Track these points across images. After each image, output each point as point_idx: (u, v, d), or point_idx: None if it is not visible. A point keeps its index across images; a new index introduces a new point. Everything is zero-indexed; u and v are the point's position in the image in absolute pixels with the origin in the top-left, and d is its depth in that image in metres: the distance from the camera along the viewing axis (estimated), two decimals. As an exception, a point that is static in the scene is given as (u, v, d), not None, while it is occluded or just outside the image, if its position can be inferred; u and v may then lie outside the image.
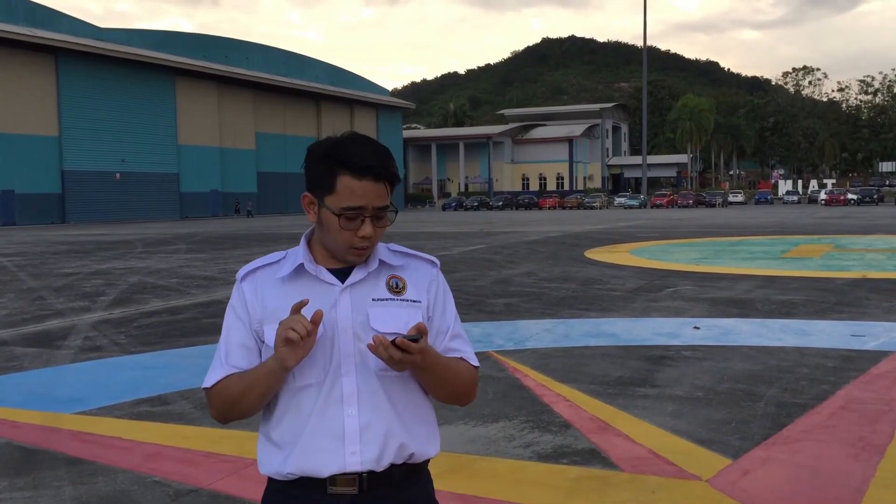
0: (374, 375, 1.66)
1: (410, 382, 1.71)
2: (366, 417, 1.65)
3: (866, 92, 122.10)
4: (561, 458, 4.39)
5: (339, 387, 1.65)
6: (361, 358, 1.65)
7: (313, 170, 1.68)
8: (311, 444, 1.64)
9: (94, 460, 4.48)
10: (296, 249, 1.76)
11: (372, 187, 1.63)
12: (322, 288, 1.69)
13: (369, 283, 1.70)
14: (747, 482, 3.98)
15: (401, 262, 1.76)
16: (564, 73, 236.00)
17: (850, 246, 19.71)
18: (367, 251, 1.68)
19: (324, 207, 1.65)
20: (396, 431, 1.67)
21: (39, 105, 48.76)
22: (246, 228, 36.73)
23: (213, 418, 1.73)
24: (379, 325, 1.66)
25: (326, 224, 1.66)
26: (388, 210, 1.67)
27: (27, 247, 24.91)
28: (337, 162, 1.63)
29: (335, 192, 1.63)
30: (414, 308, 1.71)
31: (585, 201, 73.43)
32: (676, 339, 7.80)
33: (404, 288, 1.72)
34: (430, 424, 1.75)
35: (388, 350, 1.53)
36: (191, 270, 15.91)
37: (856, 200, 64.85)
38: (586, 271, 14.41)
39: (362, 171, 1.62)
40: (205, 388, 1.71)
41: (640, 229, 30.44)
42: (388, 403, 1.67)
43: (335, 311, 1.66)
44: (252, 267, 1.76)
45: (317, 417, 1.65)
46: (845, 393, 5.63)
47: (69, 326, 9.19)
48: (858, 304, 9.85)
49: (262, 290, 1.71)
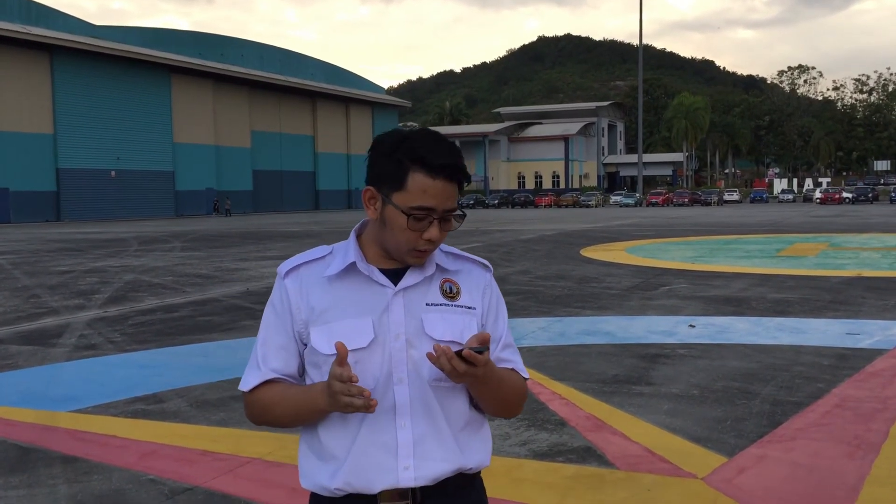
0: (426, 385, 1.57)
1: (462, 393, 1.62)
2: (419, 429, 1.56)
3: (861, 91, 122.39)
4: (557, 456, 4.39)
5: (392, 396, 1.55)
6: (414, 366, 1.56)
7: (380, 163, 1.57)
8: (362, 458, 1.55)
9: (89, 458, 4.47)
10: (342, 245, 1.65)
11: (444, 187, 1.53)
12: (373, 289, 1.59)
13: (423, 286, 1.61)
14: (743, 480, 3.99)
15: (456, 265, 1.66)
16: (560, 71, 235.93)
17: (844, 244, 19.76)
18: (428, 254, 1.59)
19: (389, 205, 1.55)
20: (450, 444, 1.59)
21: (34, 102, 48.61)
22: (241, 227, 36.68)
23: (248, 418, 1.66)
24: (434, 332, 1.57)
25: (390, 222, 1.56)
26: (456, 213, 1.57)
27: (22, 245, 24.84)
28: (410, 157, 1.53)
29: (405, 189, 1.53)
30: (468, 315, 1.62)
31: (581, 200, 73.43)
32: (672, 337, 7.81)
33: (458, 293, 1.63)
34: (483, 435, 1.68)
35: (453, 361, 1.43)
36: (186, 268, 15.88)
37: (851, 199, 65.03)
38: (582, 269, 14.42)
39: (437, 169, 1.52)
40: (240, 390, 1.64)
41: (636, 228, 30.47)
42: (442, 415, 1.58)
43: (387, 316, 1.57)
44: (296, 263, 1.64)
45: (367, 429, 1.55)
46: (840, 391, 5.64)
47: (64, 324, 9.17)
48: (853, 303, 9.87)
49: (308, 289, 1.60)
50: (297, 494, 3.93)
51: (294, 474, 4.15)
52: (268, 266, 16.05)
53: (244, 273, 14.78)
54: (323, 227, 34.93)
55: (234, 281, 13.45)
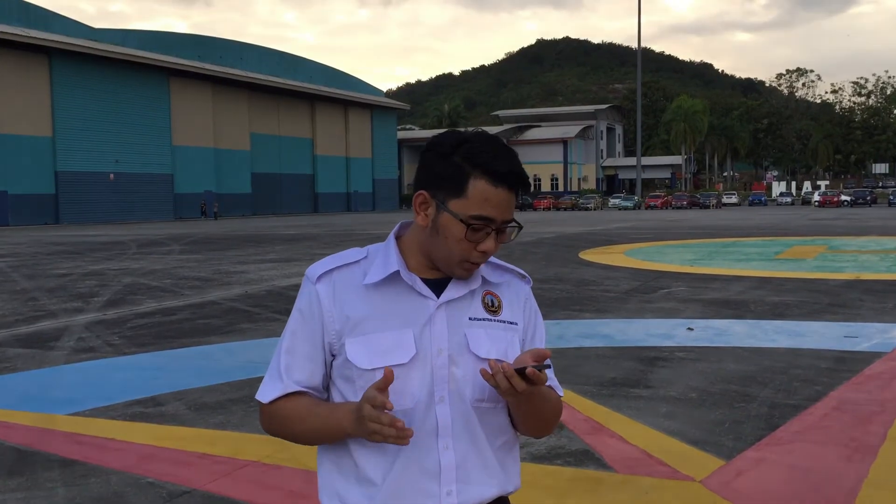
0: (468, 405, 1.47)
1: (503, 413, 1.53)
2: (461, 452, 1.46)
3: (859, 94, 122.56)
4: (555, 459, 4.39)
5: (434, 417, 1.45)
6: (456, 385, 1.46)
7: (437, 167, 1.45)
8: (403, 483, 1.44)
9: (88, 461, 4.46)
10: (378, 249, 1.53)
11: (505, 197, 1.43)
12: (415, 301, 1.47)
13: (465, 298, 1.50)
14: (740, 483, 3.99)
15: (498, 277, 1.57)
16: (559, 74, 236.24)
17: (843, 247, 19.77)
18: (478, 267, 1.49)
19: (445, 212, 1.43)
20: (492, 467, 1.50)
21: (33, 105, 48.60)
22: (240, 229, 36.67)
23: (264, 430, 1.55)
24: (479, 349, 1.47)
25: (444, 230, 1.44)
26: (512, 224, 1.47)
27: (21, 247, 24.82)
28: (471, 163, 1.41)
29: (465, 196, 1.41)
30: (511, 331, 1.53)
31: (580, 202, 73.49)
32: (670, 340, 7.81)
33: (500, 307, 1.54)
34: (515, 455, 1.58)
35: (513, 379, 1.34)
36: (185, 271, 15.88)
37: (849, 202, 65.08)
38: (580, 272, 14.43)
39: (501, 177, 1.42)
40: (258, 400, 1.52)
41: (635, 230, 30.48)
42: (484, 436, 1.49)
43: (429, 329, 1.46)
44: (328, 267, 1.50)
45: (408, 452, 1.43)
46: (838, 394, 5.65)
47: (63, 327, 9.17)
48: (852, 306, 9.87)
49: (342, 296, 1.47)
50: (296, 497, 3.93)
51: (292, 477, 4.16)
52: (266, 269, 16.05)
53: (243, 276, 14.77)
54: (322, 229, 34.93)
55: (233, 284, 13.45)
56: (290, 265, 16.83)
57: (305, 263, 17.15)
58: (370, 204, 79.91)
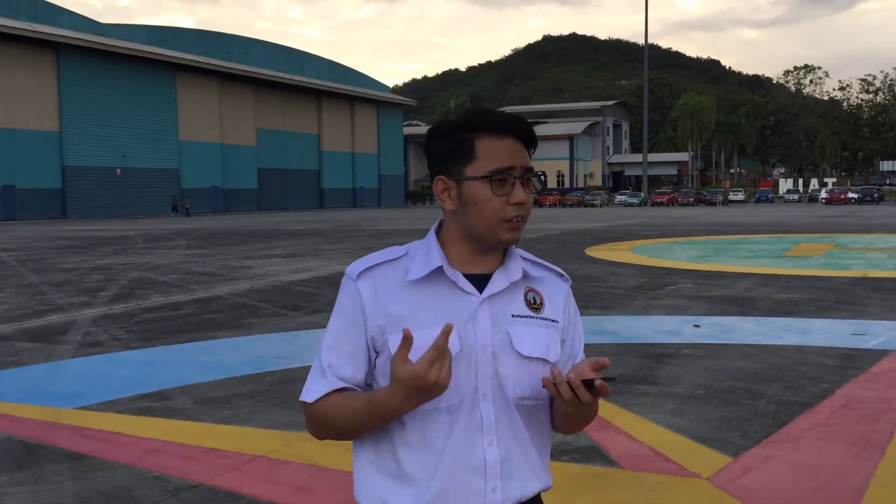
0: (510, 402, 1.47)
1: (543, 410, 1.54)
2: (505, 448, 1.46)
3: (867, 91, 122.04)
4: (561, 455, 4.38)
5: (479, 414, 1.45)
6: (498, 382, 1.46)
7: (442, 147, 1.48)
8: (449, 481, 1.43)
9: (95, 455, 4.48)
10: (419, 245, 1.53)
11: (514, 145, 1.47)
12: (458, 297, 1.47)
13: (508, 294, 1.49)
14: (748, 480, 3.98)
15: (538, 273, 1.56)
16: (565, 70, 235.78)
17: (850, 245, 19.71)
18: (522, 226, 1.47)
19: (466, 181, 1.45)
20: (534, 463, 1.51)
21: (40, 100, 48.73)
22: (247, 225, 36.73)
23: (309, 432, 1.53)
24: (522, 347, 1.47)
25: (472, 199, 1.45)
26: (534, 174, 1.49)
27: (28, 242, 24.91)
28: (470, 128, 1.46)
29: (476, 157, 1.45)
30: (552, 329, 1.53)
31: (586, 199, 73.32)
32: (677, 336, 7.80)
33: (542, 304, 1.53)
34: (548, 455, 1.59)
35: (579, 391, 1.36)
36: (191, 266, 15.90)
37: (856, 199, 64.78)
38: (587, 269, 14.41)
39: (502, 126, 1.46)
40: (302, 401, 1.50)
41: (641, 227, 30.43)
42: (526, 433, 1.50)
43: (473, 325, 1.45)
44: (369, 263, 1.50)
45: (454, 448, 1.43)
46: (846, 391, 5.63)
47: (70, 321, 9.19)
48: (859, 303, 9.84)
49: (384, 293, 1.47)
50: (303, 492, 3.93)
51: (298, 472, 4.16)
52: (272, 264, 16.07)
53: (249, 271, 14.79)
54: (327, 225, 34.96)
55: (240, 279, 13.47)
56: (297, 260, 16.84)
57: (311, 259, 17.17)
58: (376, 200, 79.93)
